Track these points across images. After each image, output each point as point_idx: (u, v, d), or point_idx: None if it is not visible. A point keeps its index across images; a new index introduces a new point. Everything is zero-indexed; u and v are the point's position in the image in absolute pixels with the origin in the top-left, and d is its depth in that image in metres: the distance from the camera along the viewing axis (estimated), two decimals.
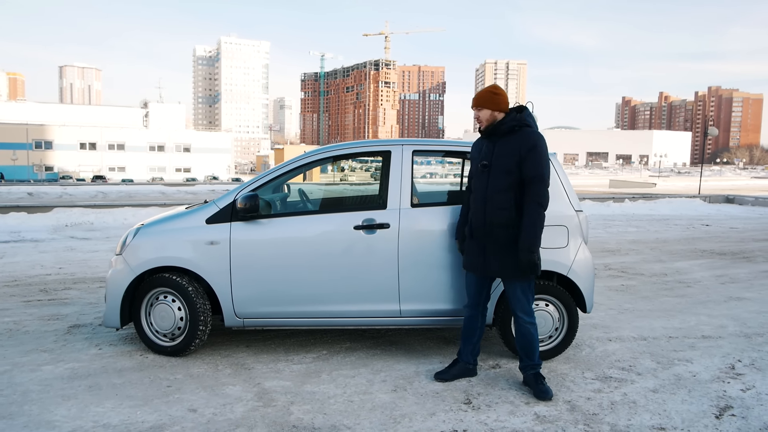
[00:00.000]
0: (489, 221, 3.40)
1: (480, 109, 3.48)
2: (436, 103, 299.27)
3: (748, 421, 3.18)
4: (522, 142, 3.36)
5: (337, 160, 4.13)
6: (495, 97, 3.48)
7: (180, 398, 3.30)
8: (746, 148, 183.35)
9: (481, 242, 3.46)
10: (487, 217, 3.41)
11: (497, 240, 3.39)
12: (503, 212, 3.37)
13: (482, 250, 3.45)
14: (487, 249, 3.43)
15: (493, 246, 3.41)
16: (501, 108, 3.47)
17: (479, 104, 3.49)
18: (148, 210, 14.22)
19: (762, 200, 22.59)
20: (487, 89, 3.53)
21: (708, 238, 11.67)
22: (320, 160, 4.08)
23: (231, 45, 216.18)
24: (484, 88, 3.57)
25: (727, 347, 4.48)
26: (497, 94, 3.49)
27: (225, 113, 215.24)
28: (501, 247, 3.39)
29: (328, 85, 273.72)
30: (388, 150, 4.02)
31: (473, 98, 3.55)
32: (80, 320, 4.86)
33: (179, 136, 76.26)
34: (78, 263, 7.81)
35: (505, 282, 3.51)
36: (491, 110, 3.47)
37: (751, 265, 8.40)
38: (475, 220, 3.50)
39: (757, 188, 39.46)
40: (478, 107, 3.49)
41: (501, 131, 3.43)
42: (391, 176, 3.95)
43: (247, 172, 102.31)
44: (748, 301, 6.08)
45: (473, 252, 3.52)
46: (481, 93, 3.52)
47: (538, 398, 3.41)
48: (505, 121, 3.45)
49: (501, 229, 3.38)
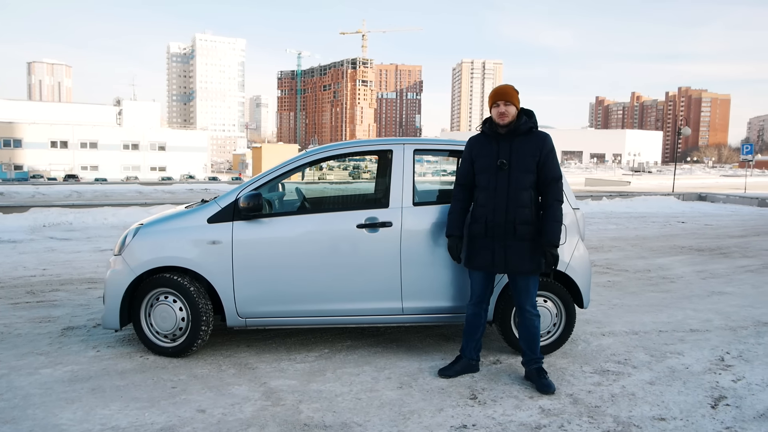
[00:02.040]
0: (511, 219, 3.47)
1: (508, 104, 3.50)
2: (413, 102, 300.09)
3: (742, 411, 3.30)
4: (541, 144, 3.50)
5: (338, 159, 4.15)
6: (517, 95, 3.56)
7: (187, 399, 3.29)
8: (715, 147, 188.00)
9: (499, 240, 3.49)
10: (509, 215, 3.47)
11: (520, 237, 3.47)
12: (526, 210, 3.47)
13: (500, 248, 3.49)
14: (507, 246, 3.48)
15: (515, 243, 3.48)
16: (519, 107, 3.58)
17: (508, 98, 3.50)
18: (128, 210, 14.00)
19: (732, 198, 23.24)
20: (509, 86, 3.58)
21: (685, 235, 11.97)
22: (321, 159, 4.09)
23: (206, 42, 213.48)
24: (506, 84, 3.58)
25: (715, 340, 4.63)
26: (517, 92, 3.57)
27: (200, 111, 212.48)
28: (522, 243, 3.48)
29: (305, 84, 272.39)
30: (390, 149, 4.05)
31: (498, 93, 3.53)
32: (73, 322, 4.78)
33: (154, 134, 75.04)
34: (62, 264, 7.67)
35: (519, 278, 3.56)
36: (516, 107, 3.53)
37: (728, 260, 8.65)
38: (493, 218, 3.50)
39: (727, 186, 40.49)
40: (506, 102, 3.50)
41: (520, 131, 3.51)
42: (393, 175, 3.98)
43: (223, 171, 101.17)
44: (729, 295, 6.27)
45: (486, 249, 3.53)
46: (507, 89, 3.54)
47: (542, 392, 3.48)
48: (522, 121, 3.53)
49: (524, 227, 3.47)
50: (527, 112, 3.60)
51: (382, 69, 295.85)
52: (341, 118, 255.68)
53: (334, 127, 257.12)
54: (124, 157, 72.61)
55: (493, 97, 3.54)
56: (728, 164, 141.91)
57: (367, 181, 29.38)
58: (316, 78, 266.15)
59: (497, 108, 3.51)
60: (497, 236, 3.50)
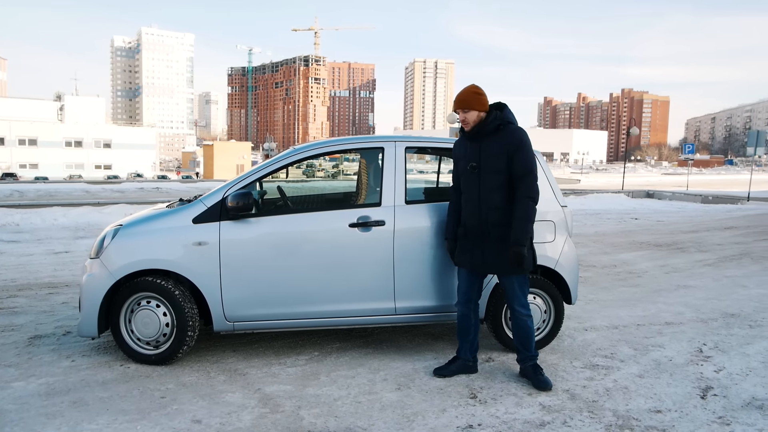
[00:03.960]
0: (484, 221, 3.45)
1: (467, 111, 3.46)
2: (366, 101, 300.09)
3: (730, 400, 3.41)
4: (509, 140, 3.40)
5: (327, 156, 4.05)
6: (479, 97, 3.47)
7: (179, 409, 3.12)
8: (656, 147, 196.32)
9: (477, 241, 3.49)
10: (482, 216, 3.45)
11: (494, 238, 3.44)
12: (497, 211, 3.42)
13: (479, 248, 3.49)
14: (484, 247, 3.47)
15: (490, 244, 3.45)
16: (485, 107, 3.48)
17: (466, 106, 3.46)
18: (80, 210, 13.35)
19: (678, 195, 24.33)
20: (469, 90, 3.49)
21: (641, 231, 12.40)
22: (309, 156, 3.98)
23: (152, 36, 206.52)
24: (466, 89, 3.51)
25: (690, 332, 4.78)
26: (480, 94, 3.48)
27: (146, 107, 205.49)
28: (497, 244, 3.44)
29: (256, 81, 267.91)
30: (381, 147, 3.98)
31: (457, 101, 3.50)
32: (40, 330, 4.49)
33: (99, 131, 71.94)
34: (15, 268, 7.21)
35: (502, 278, 3.56)
36: (478, 111, 3.46)
37: (686, 255, 9.01)
38: (469, 220, 3.52)
39: (669, 184, 42.45)
40: (464, 109, 3.46)
41: (486, 131, 3.45)
42: (384, 173, 3.91)
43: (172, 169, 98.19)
44: (694, 288, 6.52)
45: (468, 250, 3.55)
46: (466, 95, 3.47)
47: (539, 389, 3.50)
48: (488, 120, 3.45)
49: (496, 228, 3.43)
50: (499, 106, 3.52)
51: (335, 67, 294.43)
52: (294, 116, 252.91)
53: (286, 124, 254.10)
54: (66, 154, 69.38)
55: (454, 105, 3.53)
56: (668, 163, 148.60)
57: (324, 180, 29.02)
58: (267, 75, 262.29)
59: (459, 115, 3.51)
60: (475, 238, 3.50)
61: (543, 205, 4.10)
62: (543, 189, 4.15)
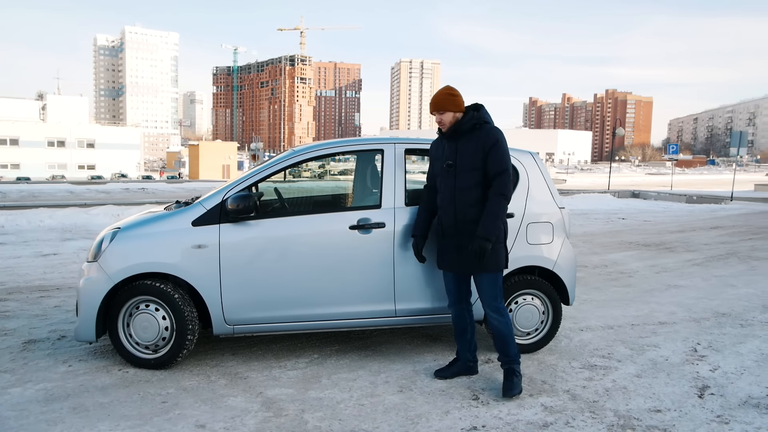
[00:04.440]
0: (459, 219, 3.44)
1: (442, 112, 3.48)
2: (352, 101, 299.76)
3: (727, 399, 3.47)
4: (484, 139, 3.41)
5: (327, 158, 4.04)
6: (454, 98, 3.49)
7: (182, 414, 3.10)
8: (639, 147, 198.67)
9: (454, 240, 3.48)
10: (457, 215, 3.44)
11: (468, 237, 3.41)
12: (472, 209, 3.41)
13: (455, 248, 3.47)
14: (460, 246, 3.45)
15: (465, 242, 3.42)
16: (461, 108, 3.50)
17: (441, 108, 3.48)
18: (66, 211, 13.16)
19: (663, 195, 24.66)
20: (444, 92, 3.53)
21: (629, 231, 12.54)
22: (309, 158, 3.97)
23: (136, 35, 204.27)
24: (440, 91, 3.55)
25: (684, 332, 4.85)
26: (455, 96, 3.50)
27: (130, 107, 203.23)
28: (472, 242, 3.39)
29: (241, 80, 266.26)
30: (381, 148, 3.98)
31: (432, 103, 3.53)
32: (33, 335, 4.42)
33: (82, 130, 70.89)
34: (3, 271, 7.10)
35: (475, 278, 3.51)
36: (453, 112, 3.48)
37: (674, 255, 9.13)
38: (445, 219, 3.52)
39: (654, 184, 43.00)
40: (439, 111, 3.49)
41: (462, 130, 3.46)
42: (384, 175, 3.91)
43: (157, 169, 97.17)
44: (685, 288, 6.61)
45: (447, 250, 3.53)
46: (440, 97, 3.50)
47: (503, 394, 3.40)
48: (464, 120, 3.47)
49: (471, 226, 3.41)
50: (475, 107, 3.53)
51: (320, 67, 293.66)
52: (279, 116, 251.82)
53: (272, 124, 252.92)
54: (49, 154, 68.33)
55: (430, 108, 3.54)
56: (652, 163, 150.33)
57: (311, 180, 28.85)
58: (253, 74, 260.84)
59: (436, 117, 3.54)
60: (452, 236, 3.49)
61: (541, 207, 4.15)
62: (541, 190, 4.19)
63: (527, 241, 4.08)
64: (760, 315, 5.41)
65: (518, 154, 4.26)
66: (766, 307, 5.70)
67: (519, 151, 4.28)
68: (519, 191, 4.13)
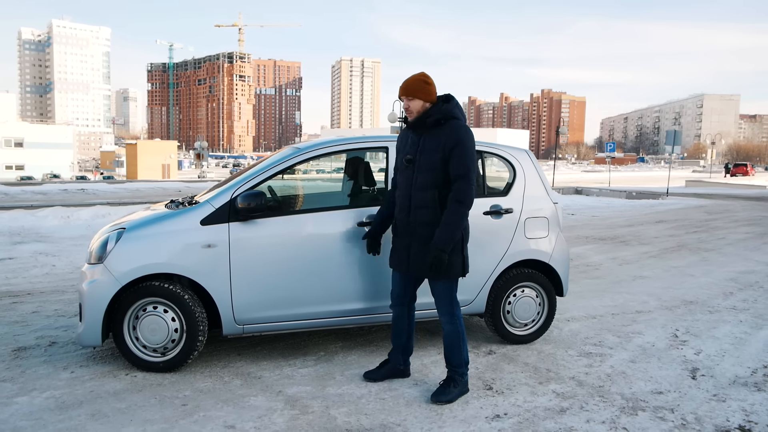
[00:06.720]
0: (412, 219, 3.25)
1: (411, 99, 3.21)
2: (292, 99, 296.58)
3: (717, 379, 3.74)
4: (447, 137, 3.16)
5: (333, 156, 4.05)
6: (426, 86, 3.23)
7: (207, 416, 3.05)
8: (574, 145, 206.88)
9: (405, 240, 3.31)
10: (410, 215, 3.25)
11: (420, 239, 3.23)
12: (426, 211, 3.20)
13: (406, 249, 3.30)
14: (411, 247, 3.27)
15: (417, 245, 3.24)
16: (431, 99, 3.24)
17: (410, 93, 3.21)
18: (10, 213, 12.39)
19: (604, 191, 25.84)
20: (417, 77, 3.25)
21: (581, 226, 13.09)
22: (315, 156, 3.97)
23: (65, 29, 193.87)
24: (413, 76, 3.27)
25: (661, 319, 5.16)
26: (428, 84, 3.24)
27: (59, 104, 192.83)
28: (423, 246, 3.22)
29: (177, 77, 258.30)
30: (386, 146, 4.03)
31: (402, 87, 3.25)
32: (20, 342, 4.19)
33: (9, 129, 66.59)
34: None
35: (429, 282, 3.36)
36: (423, 101, 3.22)
37: (630, 248, 9.63)
38: (399, 217, 3.34)
39: (592, 181, 44.92)
40: (408, 97, 3.22)
41: (427, 124, 3.22)
42: (389, 172, 3.96)
43: (91, 169, 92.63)
44: (649, 279, 7.01)
45: (398, 250, 3.37)
46: (412, 81, 3.23)
47: (431, 396, 3.30)
48: (431, 113, 3.22)
49: (424, 228, 3.21)
50: (446, 99, 3.28)
51: (260, 64, 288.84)
52: (218, 114, 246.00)
53: (210, 123, 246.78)
54: None
55: (399, 92, 3.28)
56: (586, 160, 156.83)
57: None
58: (190, 71, 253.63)
59: (404, 103, 3.31)
60: (403, 236, 3.32)
61: (537, 202, 4.32)
62: (536, 186, 4.37)
63: (525, 236, 4.24)
64: (723, 302, 5.83)
65: (514, 151, 4.42)
66: (726, 295, 6.14)
67: (514, 149, 4.45)
68: (516, 187, 4.29)
